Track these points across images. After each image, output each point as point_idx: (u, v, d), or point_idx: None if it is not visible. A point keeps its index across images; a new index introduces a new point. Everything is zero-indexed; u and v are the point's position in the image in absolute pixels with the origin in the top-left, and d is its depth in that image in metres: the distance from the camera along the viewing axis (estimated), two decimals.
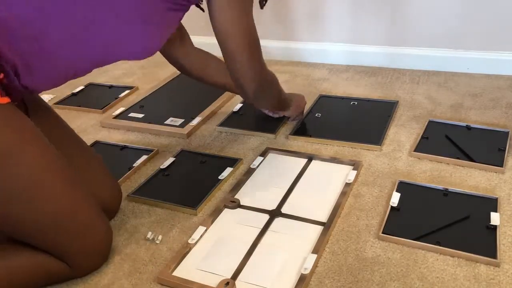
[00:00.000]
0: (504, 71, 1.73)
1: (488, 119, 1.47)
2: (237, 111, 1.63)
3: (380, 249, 1.04)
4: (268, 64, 1.98)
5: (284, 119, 1.53)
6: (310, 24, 1.94)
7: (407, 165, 1.30)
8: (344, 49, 1.93)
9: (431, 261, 1.00)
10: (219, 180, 1.29)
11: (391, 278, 0.97)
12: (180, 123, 1.58)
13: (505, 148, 1.31)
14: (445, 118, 1.49)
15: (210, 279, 0.99)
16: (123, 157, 1.43)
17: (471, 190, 1.18)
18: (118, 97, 1.81)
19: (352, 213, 1.15)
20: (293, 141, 1.45)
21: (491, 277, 0.96)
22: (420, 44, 1.82)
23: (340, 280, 0.98)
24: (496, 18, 1.68)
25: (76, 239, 0.99)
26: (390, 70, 1.85)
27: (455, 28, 1.74)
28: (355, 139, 1.40)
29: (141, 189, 1.28)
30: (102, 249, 1.05)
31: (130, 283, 1.02)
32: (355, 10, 1.85)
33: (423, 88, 1.69)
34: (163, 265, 1.05)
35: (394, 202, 1.15)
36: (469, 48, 1.76)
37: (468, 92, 1.64)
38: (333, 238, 1.08)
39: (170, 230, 1.15)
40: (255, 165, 1.34)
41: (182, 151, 1.43)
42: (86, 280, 1.03)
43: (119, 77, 2.02)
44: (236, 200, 1.20)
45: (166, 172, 1.34)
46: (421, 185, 1.21)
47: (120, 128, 1.61)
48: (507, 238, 1.04)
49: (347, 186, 1.22)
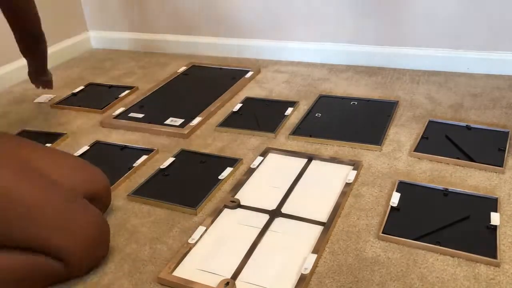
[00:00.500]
0: (504, 71, 1.73)
1: (488, 119, 1.47)
2: (237, 111, 1.63)
3: (380, 249, 1.04)
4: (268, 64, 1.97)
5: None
6: (310, 24, 1.94)
7: (407, 165, 1.30)
8: (344, 49, 1.93)
9: (431, 261, 1.00)
10: (219, 180, 1.29)
11: (391, 278, 0.97)
12: (180, 123, 1.58)
13: (505, 148, 1.31)
14: (445, 118, 1.49)
15: (210, 279, 0.99)
16: (123, 157, 1.43)
17: (471, 190, 1.18)
18: (118, 97, 1.81)
19: (352, 213, 1.15)
20: (293, 141, 1.45)
21: (491, 277, 0.96)
22: (420, 44, 1.82)
23: (340, 280, 0.98)
24: (496, 18, 1.68)
25: (70, 238, 0.98)
26: (390, 70, 1.85)
27: (455, 28, 1.75)
28: (355, 139, 1.40)
29: (141, 189, 1.28)
30: (98, 247, 1.04)
31: (130, 283, 1.02)
32: (355, 10, 1.85)
33: (423, 88, 1.69)
34: (163, 265, 1.05)
35: (394, 202, 1.15)
36: (469, 48, 1.76)
37: (468, 92, 1.64)
38: (333, 238, 1.08)
39: (170, 230, 1.15)
40: (255, 165, 1.34)
41: (182, 151, 1.43)
42: (86, 280, 1.03)
43: (119, 77, 2.02)
44: (236, 200, 1.20)
45: (166, 172, 1.34)
46: (421, 185, 1.21)
47: (120, 128, 1.61)
48: (507, 238, 1.04)
49: (347, 186, 1.22)
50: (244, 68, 1.94)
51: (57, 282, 1.02)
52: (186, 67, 2.00)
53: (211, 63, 2.03)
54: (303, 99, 1.68)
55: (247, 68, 1.93)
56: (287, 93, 1.75)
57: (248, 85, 1.83)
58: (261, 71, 1.94)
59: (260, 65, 1.97)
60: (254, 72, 1.90)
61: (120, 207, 1.23)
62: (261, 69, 1.94)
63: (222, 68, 1.97)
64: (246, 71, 1.90)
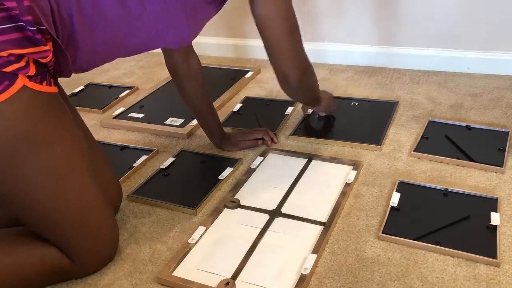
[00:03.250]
0: (504, 71, 1.73)
1: (488, 119, 1.47)
2: (237, 111, 1.63)
3: (380, 249, 1.04)
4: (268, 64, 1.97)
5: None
6: (310, 24, 1.94)
7: (407, 165, 1.30)
8: (344, 49, 1.93)
9: (431, 261, 1.00)
10: (219, 180, 1.29)
11: (391, 278, 0.97)
12: (180, 123, 1.58)
13: (505, 148, 1.31)
14: (445, 118, 1.49)
15: (210, 279, 0.99)
16: (123, 157, 1.43)
17: (471, 190, 1.18)
18: (118, 97, 1.81)
19: (352, 213, 1.15)
20: (293, 141, 1.45)
21: (491, 277, 0.96)
22: (420, 44, 1.82)
23: (340, 280, 0.98)
24: (496, 18, 1.68)
25: (89, 237, 1.00)
26: (390, 70, 1.85)
27: (455, 28, 1.74)
28: (355, 139, 1.40)
29: (141, 189, 1.28)
30: (110, 249, 1.06)
31: (130, 283, 1.02)
32: (355, 10, 1.85)
33: (423, 88, 1.69)
34: (163, 265, 1.05)
35: (394, 202, 1.15)
36: (469, 48, 1.76)
37: (468, 92, 1.64)
38: (333, 238, 1.08)
39: (170, 230, 1.15)
40: (255, 165, 1.34)
41: (182, 151, 1.44)
42: (86, 280, 1.03)
43: (119, 77, 2.02)
44: (236, 200, 1.20)
45: (166, 172, 1.34)
46: (421, 185, 1.21)
47: (120, 128, 1.61)
48: (507, 238, 1.04)
49: (347, 186, 1.22)
50: (244, 68, 1.94)
51: (61, 279, 1.02)
52: None
53: (210, 63, 2.03)
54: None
55: (247, 68, 1.93)
56: None
57: (248, 85, 1.83)
58: (261, 71, 1.94)
59: (260, 65, 1.97)
60: (254, 72, 1.90)
61: (120, 207, 1.23)
62: (261, 69, 1.94)
63: (222, 68, 1.97)
64: (246, 71, 1.90)
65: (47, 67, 0.93)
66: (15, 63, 0.85)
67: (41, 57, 0.89)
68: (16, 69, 0.86)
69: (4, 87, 0.85)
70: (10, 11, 0.83)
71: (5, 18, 0.83)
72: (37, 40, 0.86)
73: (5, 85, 0.85)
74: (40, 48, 0.87)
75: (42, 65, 0.91)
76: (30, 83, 0.88)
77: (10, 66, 0.85)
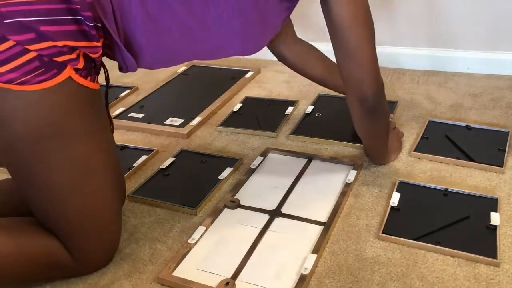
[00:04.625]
0: (504, 71, 1.73)
1: (488, 119, 1.47)
2: (237, 111, 1.63)
3: (380, 249, 1.04)
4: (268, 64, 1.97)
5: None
6: (309, 24, 1.94)
7: (407, 165, 1.30)
8: None
9: (431, 261, 1.00)
10: (219, 180, 1.29)
11: (391, 278, 0.97)
12: (180, 123, 1.58)
13: (505, 148, 1.31)
14: (445, 118, 1.49)
15: (210, 279, 0.99)
16: (123, 157, 1.43)
17: (471, 190, 1.18)
18: (118, 97, 1.81)
19: (352, 213, 1.15)
20: (293, 141, 1.45)
21: (491, 277, 0.96)
22: (420, 44, 1.82)
23: (340, 280, 0.98)
24: (496, 18, 1.68)
25: (93, 234, 1.00)
26: (390, 70, 1.85)
27: (455, 28, 1.74)
28: (355, 139, 1.40)
29: (141, 189, 1.28)
30: (113, 249, 1.06)
31: (130, 283, 1.02)
32: None
33: (423, 88, 1.69)
34: (163, 265, 1.05)
35: (394, 202, 1.15)
36: (469, 48, 1.76)
37: (468, 92, 1.64)
38: (333, 238, 1.08)
39: (170, 230, 1.15)
40: (255, 165, 1.34)
41: (182, 151, 1.43)
42: (86, 280, 1.03)
43: (119, 77, 2.02)
44: (236, 200, 1.20)
45: (166, 172, 1.34)
46: (421, 185, 1.21)
47: (120, 128, 1.61)
48: (507, 238, 1.04)
49: (347, 186, 1.22)
50: (244, 68, 1.94)
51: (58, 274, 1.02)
52: (186, 67, 2.00)
53: (210, 63, 2.03)
54: (303, 99, 1.68)
55: (247, 68, 1.93)
56: (287, 93, 1.75)
57: (248, 85, 1.83)
58: (261, 71, 1.94)
59: (260, 65, 1.97)
60: (254, 72, 1.90)
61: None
62: (261, 69, 1.94)
63: (222, 68, 1.97)
64: (246, 71, 1.90)
65: (94, 63, 0.96)
66: (67, 54, 0.88)
67: (92, 52, 0.91)
68: (67, 60, 0.88)
69: (51, 75, 0.87)
70: (71, 4, 0.86)
71: (66, 10, 0.87)
72: (91, 35, 0.89)
73: (52, 73, 0.87)
74: (93, 43, 0.90)
75: (90, 60, 0.94)
76: (75, 75, 0.90)
77: (62, 56, 0.87)
